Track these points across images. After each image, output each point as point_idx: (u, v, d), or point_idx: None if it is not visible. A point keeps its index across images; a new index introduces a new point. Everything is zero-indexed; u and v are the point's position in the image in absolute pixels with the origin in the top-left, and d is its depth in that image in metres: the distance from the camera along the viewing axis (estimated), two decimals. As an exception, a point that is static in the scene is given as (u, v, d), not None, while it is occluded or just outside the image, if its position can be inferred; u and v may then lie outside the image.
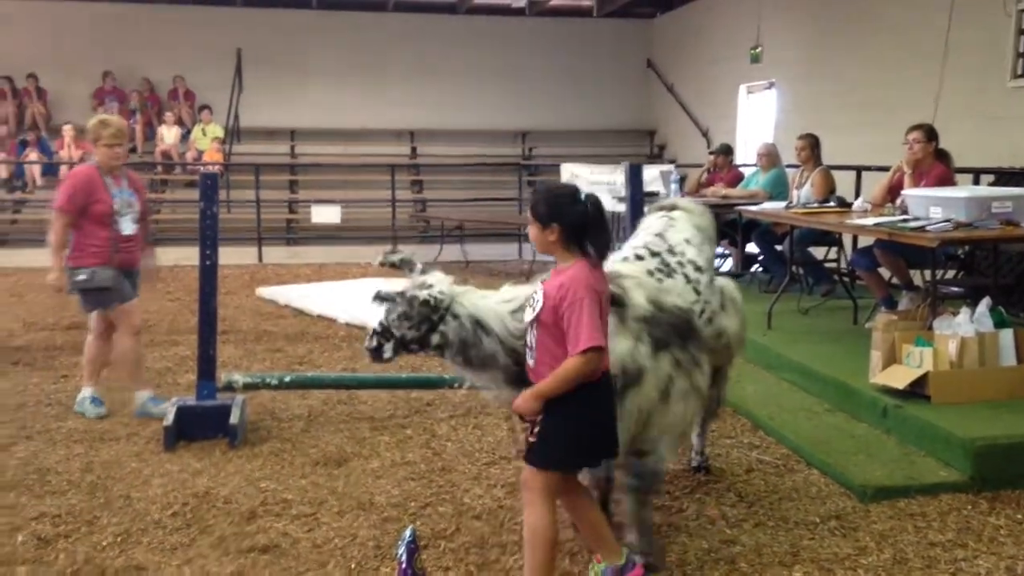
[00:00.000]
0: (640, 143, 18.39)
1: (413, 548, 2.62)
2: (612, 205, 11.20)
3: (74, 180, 5.73)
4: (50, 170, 15.30)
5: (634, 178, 6.07)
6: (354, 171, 16.14)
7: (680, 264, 4.09)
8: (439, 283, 3.44)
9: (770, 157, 9.50)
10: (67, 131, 15.34)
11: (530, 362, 3.23)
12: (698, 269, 4.13)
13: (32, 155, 15.30)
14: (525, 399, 3.14)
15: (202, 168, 14.87)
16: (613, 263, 3.86)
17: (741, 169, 10.78)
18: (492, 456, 5.09)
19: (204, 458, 5.01)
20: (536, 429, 3.16)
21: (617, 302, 3.39)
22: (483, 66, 17.68)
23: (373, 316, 3.86)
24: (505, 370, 3.39)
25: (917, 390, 5.13)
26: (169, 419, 5.23)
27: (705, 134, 16.04)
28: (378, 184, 14.98)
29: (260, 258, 13.14)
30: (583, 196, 3.19)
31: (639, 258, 4.06)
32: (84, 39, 16.45)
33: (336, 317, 8.72)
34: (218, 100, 16.56)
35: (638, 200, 6.16)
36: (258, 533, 4.06)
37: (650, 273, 3.96)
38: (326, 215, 13.41)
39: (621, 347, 3.36)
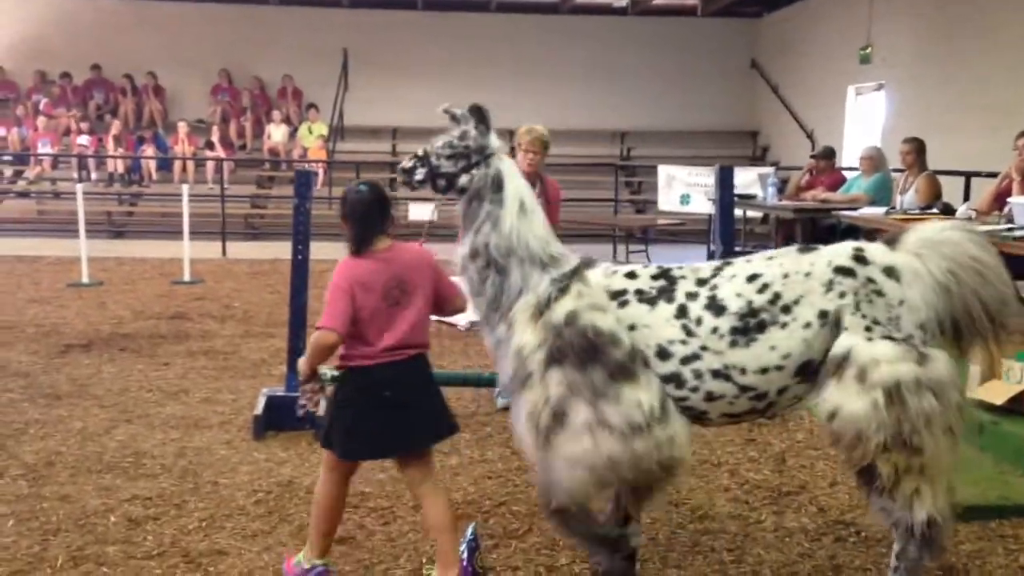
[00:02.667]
0: (742, 145, 18.04)
1: (474, 546, 2.64)
2: (708, 207, 11.06)
3: None
4: (164, 165, 15.99)
5: (724, 180, 5.97)
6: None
7: (691, 296, 3.34)
8: (495, 138, 3.59)
9: (873, 161, 9.18)
10: (182, 127, 16.00)
11: None
12: (749, 314, 3.28)
13: (148, 150, 16.03)
14: (300, 363, 3.56)
15: (303, 166, 15.31)
16: (620, 271, 3.51)
17: (844, 173, 10.45)
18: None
19: (290, 448, 5.16)
20: (316, 397, 3.55)
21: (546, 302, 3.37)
22: (583, 66, 17.64)
23: (464, 317, 3.87)
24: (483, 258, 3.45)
25: (1016, 407, 4.89)
26: (259, 409, 5.40)
27: (810, 136, 15.61)
28: (475, 183, 15.11)
29: (358, 254, 13.40)
30: (355, 192, 3.64)
31: (654, 276, 3.44)
32: (200, 39, 17.13)
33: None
34: (324, 98, 17.01)
35: (728, 203, 6.05)
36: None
37: (638, 292, 3.37)
38: (423, 213, 13.62)
39: (516, 341, 3.35)
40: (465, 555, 2.64)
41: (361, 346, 3.46)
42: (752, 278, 3.33)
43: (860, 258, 3.26)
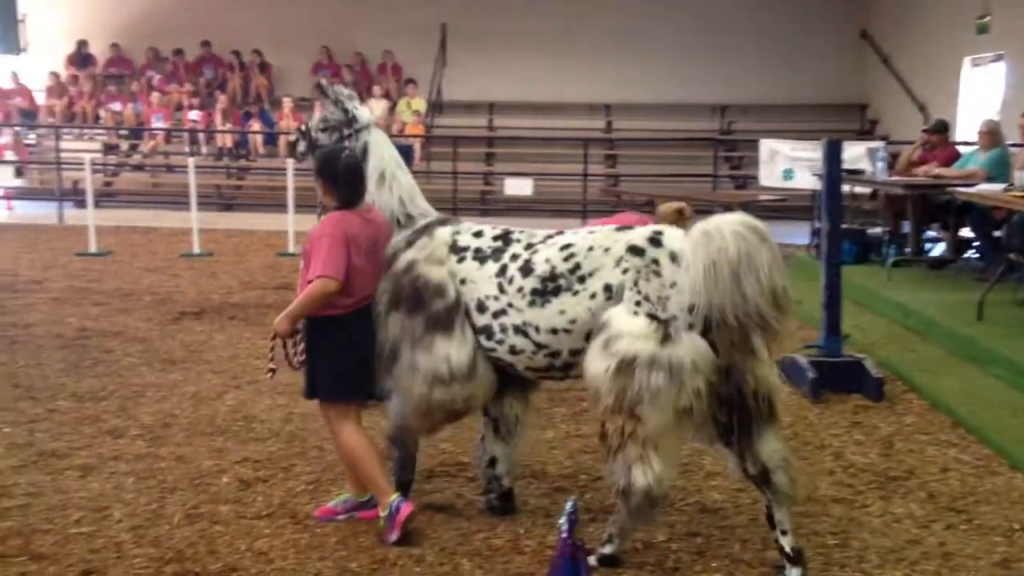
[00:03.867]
0: (849, 118, 17.40)
1: (574, 520, 2.65)
2: (812, 182, 10.74)
3: None
4: (270, 140, 16.42)
5: (832, 155, 5.78)
6: (548, 144, 16.29)
7: (514, 258, 3.72)
8: (364, 112, 4.16)
9: (992, 135, 8.75)
10: (287, 103, 16.38)
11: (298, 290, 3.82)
12: (550, 278, 3.61)
13: (255, 125, 16.47)
14: (280, 320, 3.70)
15: (402, 140, 15.51)
16: (470, 230, 3.95)
17: (958, 148, 9.99)
18: (667, 435, 5.04)
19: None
20: (300, 350, 3.77)
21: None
22: (683, 37, 17.28)
23: None
24: None
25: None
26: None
27: (922, 109, 14.96)
28: (571, 158, 15.05)
29: (455, 228, 13.52)
30: (343, 155, 3.85)
31: (495, 238, 3.88)
32: (303, 17, 17.46)
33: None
34: (422, 74, 17.15)
35: (836, 177, 5.87)
36: (434, 492, 4.25)
37: (476, 250, 3.83)
38: (519, 188, 13.66)
39: (380, 286, 3.87)
40: (566, 528, 2.65)
41: (341, 298, 3.70)
42: (564, 247, 3.68)
43: (655, 240, 3.54)
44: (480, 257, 3.79)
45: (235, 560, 3.56)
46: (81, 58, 17.63)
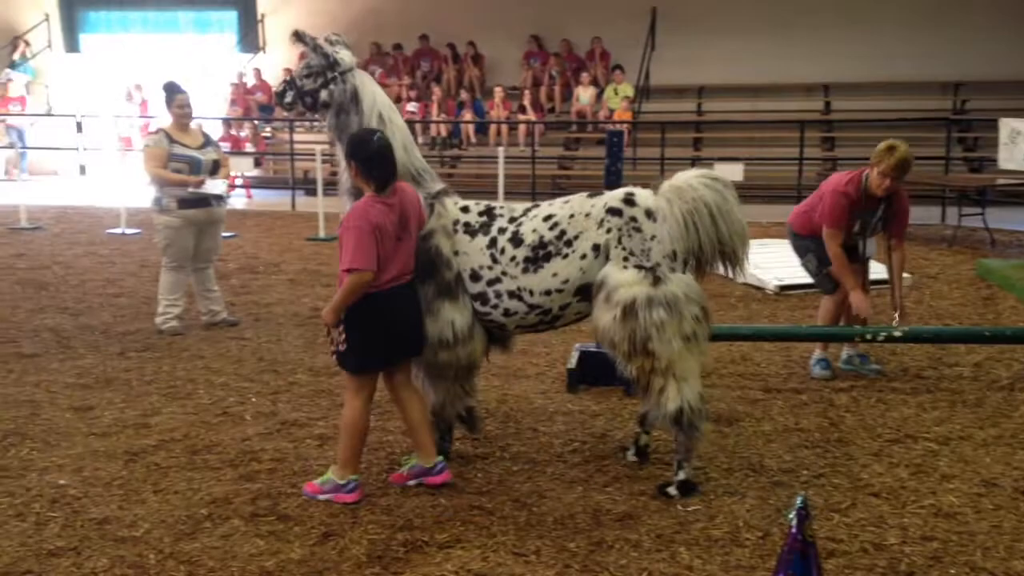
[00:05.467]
0: (1104, 93, 15.66)
1: (804, 515, 2.56)
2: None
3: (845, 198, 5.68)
4: (481, 129, 16.89)
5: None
6: (761, 128, 15.75)
7: (501, 231, 4.11)
8: (347, 55, 4.25)
9: None
10: (498, 92, 16.79)
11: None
12: (540, 246, 4.05)
13: (467, 115, 17.00)
14: (326, 311, 3.88)
15: (611, 126, 15.49)
16: (459, 204, 4.24)
17: None
18: (897, 433, 4.78)
19: (602, 402, 5.31)
20: (342, 337, 3.87)
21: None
22: (908, 10, 16.16)
23: (770, 276, 4.03)
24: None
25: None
26: (572, 363, 5.60)
27: None
28: (785, 141, 14.48)
29: (663, 214, 13.38)
30: (376, 137, 3.88)
31: (480, 213, 4.19)
32: (515, 7, 17.80)
33: (733, 276, 8.63)
34: (630, 59, 17.04)
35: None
36: (648, 479, 4.24)
37: (466, 224, 4.15)
38: (728, 173, 13.28)
39: None
40: (795, 523, 2.57)
41: (374, 280, 3.83)
42: (547, 217, 4.09)
43: (629, 201, 4.00)
44: (470, 231, 4.14)
45: (459, 531, 3.72)
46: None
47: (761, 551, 3.52)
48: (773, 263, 8.63)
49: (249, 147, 16.76)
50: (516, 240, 4.08)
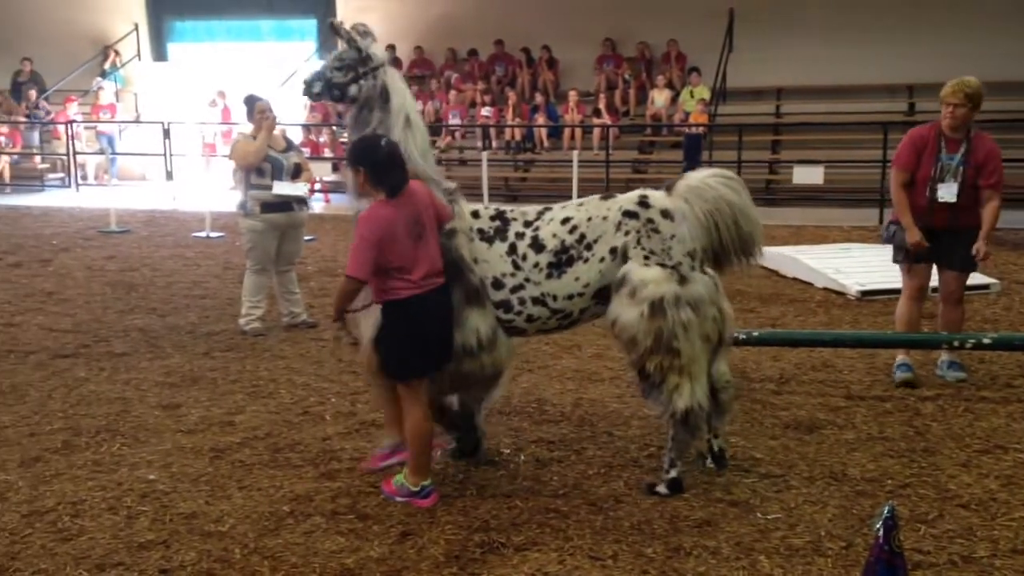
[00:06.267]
0: None
1: (891, 525, 2.50)
2: None
3: (908, 138, 5.69)
4: (555, 132, 16.90)
5: None
6: (841, 130, 15.40)
7: (519, 236, 4.08)
8: (379, 50, 4.21)
9: None
10: (572, 96, 16.76)
11: None
12: (562, 251, 4.04)
13: (540, 119, 17.03)
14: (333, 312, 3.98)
15: (687, 129, 15.35)
16: (467, 208, 4.19)
17: None
18: (986, 444, 4.63)
19: (679, 407, 5.25)
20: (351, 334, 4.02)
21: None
22: (996, 8, 15.60)
23: (852, 281, 3.97)
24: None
25: None
26: (649, 367, 5.56)
27: None
28: (867, 143, 14.13)
29: (739, 218, 13.18)
30: (383, 142, 3.83)
31: (492, 218, 4.15)
32: (591, 11, 17.77)
33: (813, 281, 8.50)
34: (706, 62, 16.84)
35: None
36: (728, 485, 4.18)
37: (480, 231, 4.11)
38: (808, 176, 13.04)
39: None
40: (882, 532, 2.51)
41: (397, 281, 3.83)
42: (565, 221, 4.08)
43: (644, 203, 4.03)
44: (486, 237, 4.09)
45: (535, 534, 3.73)
46: (389, 61, 19.12)
47: (844, 561, 3.45)
48: (855, 268, 8.44)
49: (327, 152, 17.08)
50: (537, 245, 4.06)
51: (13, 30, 19.84)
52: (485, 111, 17.12)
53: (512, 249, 4.07)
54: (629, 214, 4.01)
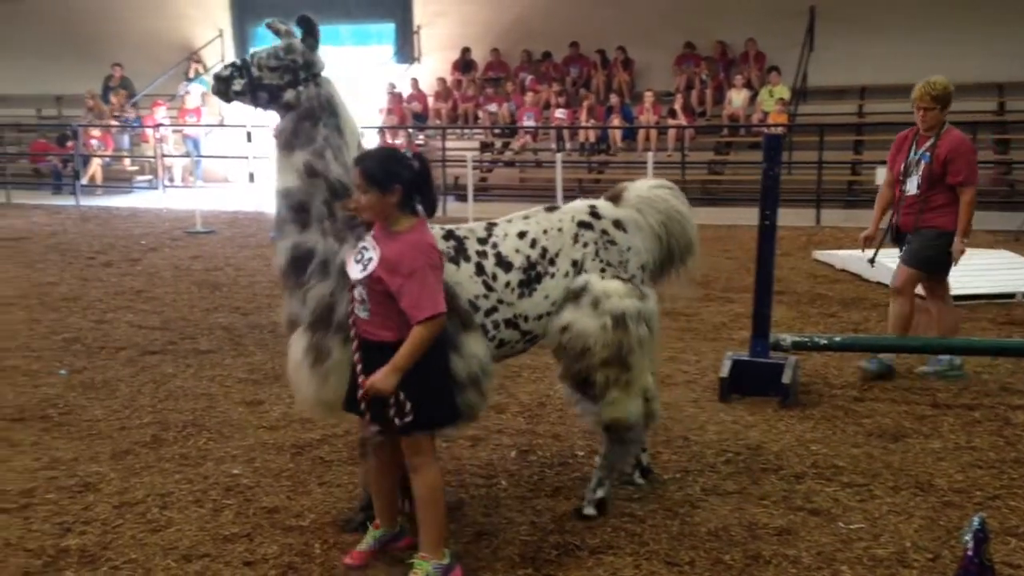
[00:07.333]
0: None
1: (981, 537, 2.43)
2: None
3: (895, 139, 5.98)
4: (630, 134, 16.81)
5: None
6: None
7: (481, 255, 3.66)
8: (324, 61, 3.62)
9: None
10: (648, 97, 16.65)
11: (363, 315, 3.26)
12: (529, 267, 3.71)
13: (615, 120, 16.95)
14: (385, 375, 3.14)
15: (766, 130, 15.09)
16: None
17: None
18: (1082, 457, 4.45)
19: (756, 413, 5.18)
20: (408, 406, 3.17)
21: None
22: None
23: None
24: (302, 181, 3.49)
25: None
26: (725, 371, 5.49)
27: None
28: (954, 143, 13.70)
29: (817, 220, 12.96)
30: (414, 155, 3.31)
31: (444, 238, 3.63)
32: (667, 12, 17.63)
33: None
34: (786, 60, 16.56)
35: None
36: (808, 494, 4.11)
37: (443, 252, 3.50)
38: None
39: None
40: (971, 545, 2.44)
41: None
42: (522, 235, 3.76)
43: (595, 214, 3.86)
44: (450, 259, 3.57)
45: (610, 538, 3.72)
46: (464, 64, 19.30)
47: (931, 574, 3.36)
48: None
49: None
50: (504, 263, 3.68)
51: (104, 37, 20.61)
52: (559, 113, 17.12)
53: (479, 269, 3.64)
54: (584, 225, 3.80)
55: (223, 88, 3.61)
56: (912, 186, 5.70)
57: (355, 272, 3.26)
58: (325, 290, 3.46)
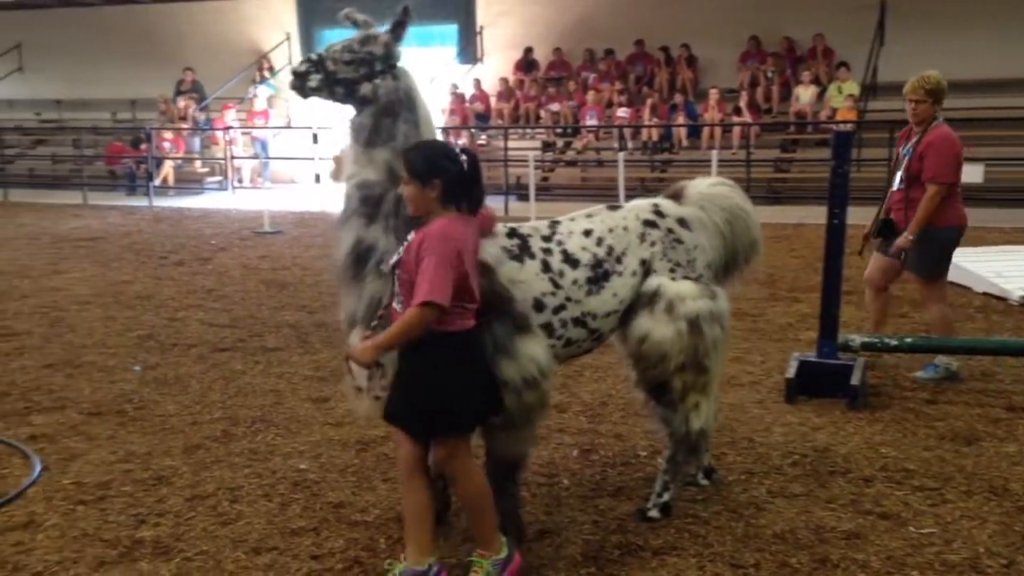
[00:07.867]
0: None
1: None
2: None
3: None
4: (694, 132, 16.64)
5: None
6: (1005, 126, 14.48)
7: (546, 252, 3.59)
8: (399, 49, 3.52)
9: None
10: (712, 94, 16.46)
11: (397, 307, 3.22)
12: (597, 265, 3.64)
13: (679, 118, 16.80)
14: (364, 349, 3.11)
15: (834, 127, 14.78)
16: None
17: None
18: None
19: (824, 415, 5.09)
20: (383, 382, 3.21)
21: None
22: None
23: (1014, 285, 3.63)
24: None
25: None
26: (791, 372, 5.41)
27: None
28: (1034, 140, 13.27)
29: (889, 219, 12.64)
30: (461, 149, 3.21)
31: (507, 236, 3.58)
32: (732, 8, 17.40)
33: (971, 285, 8.05)
34: (855, 56, 16.21)
35: None
36: (878, 497, 4.03)
37: (505, 250, 3.52)
38: (967, 174, 12.30)
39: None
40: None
41: (463, 310, 3.18)
42: (587, 233, 3.70)
43: (659, 212, 3.81)
44: (513, 256, 3.52)
45: (674, 539, 3.69)
46: (527, 63, 19.32)
47: (1005, 582, 3.27)
48: (1017, 271, 7.95)
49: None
50: (571, 260, 3.61)
51: (176, 42, 21.17)
52: (621, 111, 17.03)
53: (546, 266, 3.56)
54: (649, 223, 3.75)
55: (300, 84, 3.58)
56: (897, 180, 5.72)
57: (391, 262, 3.28)
58: (382, 288, 3.42)
